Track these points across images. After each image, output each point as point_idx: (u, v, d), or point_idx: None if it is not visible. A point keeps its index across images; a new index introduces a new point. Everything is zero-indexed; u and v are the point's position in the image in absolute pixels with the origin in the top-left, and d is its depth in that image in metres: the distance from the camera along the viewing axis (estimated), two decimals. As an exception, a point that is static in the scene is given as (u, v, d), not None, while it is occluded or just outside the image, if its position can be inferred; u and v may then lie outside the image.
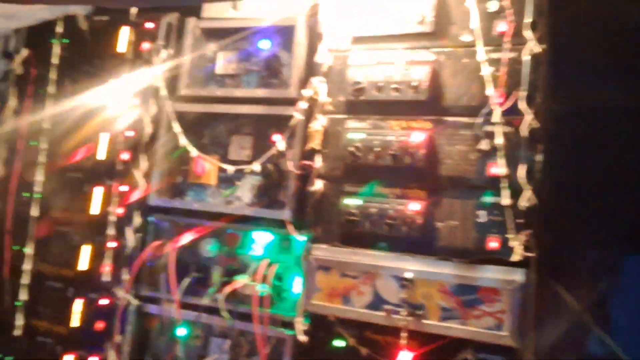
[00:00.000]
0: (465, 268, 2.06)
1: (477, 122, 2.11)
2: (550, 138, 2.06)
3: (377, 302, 2.16)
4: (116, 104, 2.82)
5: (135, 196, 2.72)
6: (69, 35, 3.00)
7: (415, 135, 2.19)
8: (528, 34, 2.06)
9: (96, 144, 2.84)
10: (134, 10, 2.86)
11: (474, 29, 2.16)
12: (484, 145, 2.10)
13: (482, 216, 2.07)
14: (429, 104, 2.21)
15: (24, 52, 3.06)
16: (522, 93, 2.05)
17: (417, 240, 2.16)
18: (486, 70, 2.11)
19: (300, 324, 2.30)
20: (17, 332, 2.83)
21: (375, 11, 2.36)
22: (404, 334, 2.09)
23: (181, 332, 2.56)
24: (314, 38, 2.52)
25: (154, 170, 2.72)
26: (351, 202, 2.28)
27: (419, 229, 2.16)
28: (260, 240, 2.51)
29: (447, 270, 2.08)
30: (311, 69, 2.50)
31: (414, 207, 2.17)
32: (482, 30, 2.15)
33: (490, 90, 2.09)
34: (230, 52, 2.78)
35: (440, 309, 2.08)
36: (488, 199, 2.07)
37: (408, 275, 2.12)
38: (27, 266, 2.87)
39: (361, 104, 2.33)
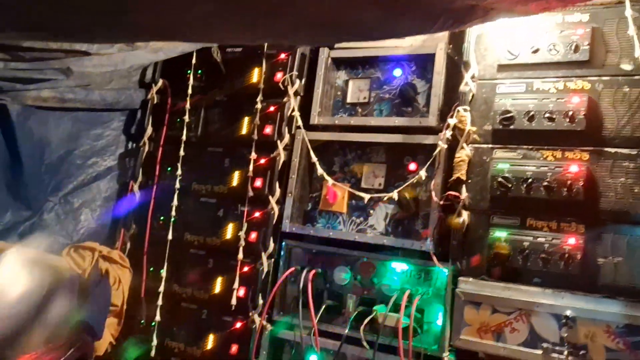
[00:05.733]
0: (633, 307, 1.95)
1: (644, 154, 2.01)
2: None
3: (534, 340, 2.08)
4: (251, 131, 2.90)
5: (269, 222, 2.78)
6: (204, 66, 3.11)
7: (573, 166, 2.12)
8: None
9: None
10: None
11: (637, 57, 2.06)
12: (651, 178, 2.00)
13: (652, 253, 1.97)
14: (586, 134, 2.13)
15: (160, 82, 3.20)
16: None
17: (576, 277, 2.07)
18: (652, 100, 2.02)
19: (447, 359, 2.25)
20: (152, 353, 2.92)
21: (523, 39, 2.31)
22: (564, 375, 2.00)
23: (314, 359, 2.56)
24: (452, 66, 2.51)
25: (287, 197, 2.77)
26: (501, 235, 2.22)
27: (578, 265, 2.07)
28: (397, 270, 2.49)
29: (612, 310, 1.98)
30: (450, 97, 2.48)
31: (572, 241, 2.08)
32: (646, 59, 2.06)
33: (657, 121, 2.00)
34: (361, 81, 2.81)
35: (605, 350, 1.97)
36: (658, 235, 1.97)
37: (569, 313, 2.03)
38: (161, 288, 2.97)
39: (509, 133, 2.28)
